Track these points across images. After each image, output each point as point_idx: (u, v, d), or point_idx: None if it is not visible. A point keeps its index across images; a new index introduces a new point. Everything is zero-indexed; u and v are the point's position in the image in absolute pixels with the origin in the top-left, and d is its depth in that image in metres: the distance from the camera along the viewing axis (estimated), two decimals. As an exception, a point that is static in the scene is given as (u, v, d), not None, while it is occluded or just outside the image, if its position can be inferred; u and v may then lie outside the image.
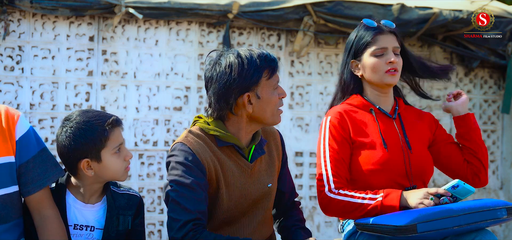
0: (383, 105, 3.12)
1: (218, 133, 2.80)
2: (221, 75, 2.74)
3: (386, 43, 3.05)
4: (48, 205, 2.73)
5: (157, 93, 5.41)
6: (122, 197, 2.88)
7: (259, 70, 2.75)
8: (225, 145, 2.81)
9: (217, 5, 5.34)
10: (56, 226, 2.71)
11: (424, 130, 3.16)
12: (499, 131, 6.17)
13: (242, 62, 2.73)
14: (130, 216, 2.87)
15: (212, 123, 2.82)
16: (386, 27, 3.08)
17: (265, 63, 2.77)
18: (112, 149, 2.75)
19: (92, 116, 2.75)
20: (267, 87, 2.78)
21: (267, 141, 2.95)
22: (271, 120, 2.82)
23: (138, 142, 5.38)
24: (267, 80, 2.78)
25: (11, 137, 2.67)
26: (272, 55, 2.81)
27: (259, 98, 2.77)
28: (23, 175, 2.69)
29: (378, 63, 3.04)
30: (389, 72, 3.03)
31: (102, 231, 2.83)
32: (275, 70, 2.81)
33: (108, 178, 2.80)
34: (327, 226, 5.76)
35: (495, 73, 6.13)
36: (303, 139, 5.70)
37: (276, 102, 2.81)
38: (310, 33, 5.52)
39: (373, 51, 3.05)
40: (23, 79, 5.17)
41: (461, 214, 2.69)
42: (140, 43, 5.37)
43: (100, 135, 2.72)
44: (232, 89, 2.74)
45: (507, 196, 6.15)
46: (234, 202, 2.84)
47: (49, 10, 5.06)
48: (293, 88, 5.70)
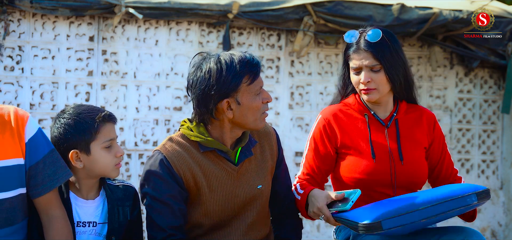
0: (378, 111, 3.06)
1: (199, 139, 2.79)
2: (201, 80, 2.72)
3: (359, 62, 2.96)
4: (56, 205, 2.73)
5: (157, 93, 5.41)
6: (118, 189, 2.90)
7: (238, 77, 2.71)
8: (207, 149, 2.80)
9: (217, 5, 5.34)
10: (63, 226, 2.72)
11: (422, 135, 3.07)
12: (499, 131, 6.16)
13: (221, 69, 2.70)
14: (128, 207, 2.88)
15: (194, 128, 2.81)
16: (363, 44, 2.96)
17: (245, 68, 2.72)
18: (102, 143, 2.76)
19: (84, 110, 2.79)
20: (248, 93, 2.75)
21: (257, 142, 2.92)
22: (253, 125, 2.80)
23: (138, 142, 5.38)
24: (248, 85, 2.74)
25: (21, 138, 2.66)
26: (255, 60, 2.76)
27: (239, 104, 2.74)
28: (33, 177, 2.69)
29: (355, 80, 3.00)
30: (363, 91, 2.98)
31: (106, 225, 2.84)
32: (257, 75, 2.75)
33: (97, 173, 2.81)
34: (327, 226, 5.76)
35: (495, 73, 6.13)
36: (303, 139, 5.70)
37: (258, 108, 2.78)
38: (310, 33, 5.52)
39: (351, 68, 3.01)
40: (23, 79, 5.17)
41: (428, 207, 2.64)
42: (140, 43, 5.37)
43: (90, 127, 2.74)
44: (211, 95, 2.71)
45: (507, 196, 6.15)
46: (220, 206, 2.82)
47: (49, 10, 5.06)
48: (293, 88, 5.70)
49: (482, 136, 6.13)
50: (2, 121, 2.66)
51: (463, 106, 6.09)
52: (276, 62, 5.65)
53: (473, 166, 6.12)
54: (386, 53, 2.95)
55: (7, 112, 2.68)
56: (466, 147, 6.10)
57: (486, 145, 6.13)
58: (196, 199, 2.82)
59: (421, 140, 3.05)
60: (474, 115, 6.12)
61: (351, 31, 3.01)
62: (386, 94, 3.02)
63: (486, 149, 6.14)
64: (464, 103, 6.09)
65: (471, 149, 6.11)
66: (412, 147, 3.02)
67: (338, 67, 5.76)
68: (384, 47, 2.95)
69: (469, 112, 6.10)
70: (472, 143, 6.11)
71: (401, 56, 3.00)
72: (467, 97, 6.11)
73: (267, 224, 3.00)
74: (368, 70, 2.95)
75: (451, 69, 6.03)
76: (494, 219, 6.17)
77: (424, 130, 3.07)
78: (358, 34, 2.99)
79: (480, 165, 6.14)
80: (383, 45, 2.96)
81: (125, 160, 5.38)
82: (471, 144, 6.11)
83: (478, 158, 6.13)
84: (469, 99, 6.11)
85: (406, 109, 3.09)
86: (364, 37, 2.97)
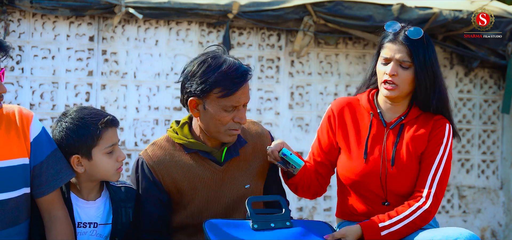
0: (387, 111, 3.00)
1: (183, 141, 2.83)
2: (187, 73, 2.78)
3: (391, 53, 2.91)
4: (58, 205, 2.73)
5: (157, 93, 5.41)
6: (120, 190, 2.89)
7: (210, 84, 2.69)
8: (192, 151, 2.83)
9: (217, 5, 5.34)
10: (65, 227, 2.72)
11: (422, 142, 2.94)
12: (499, 131, 6.17)
13: (199, 68, 2.72)
14: (131, 208, 2.88)
15: (179, 130, 2.86)
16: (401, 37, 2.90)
17: (223, 81, 2.68)
18: (104, 148, 2.76)
19: (87, 113, 2.77)
20: (216, 105, 2.72)
21: (247, 142, 2.91)
22: (215, 135, 2.78)
23: (138, 142, 5.38)
24: (218, 98, 2.71)
25: (26, 138, 2.66)
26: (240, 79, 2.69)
27: (205, 110, 2.75)
28: (37, 177, 2.69)
29: (381, 71, 2.94)
30: (385, 84, 2.93)
31: (108, 226, 2.83)
32: (231, 93, 2.69)
33: (98, 177, 2.81)
34: (327, 226, 5.76)
35: (495, 73, 6.13)
36: (303, 139, 5.70)
37: (223, 123, 2.74)
38: (310, 33, 5.52)
39: (381, 57, 2.95)
40: (23, 79, 5.17)
41: None
42: (140, 43, 5.37)
43: (93, 133, 2.73)
44: (185, 88, 2.76)
45: (507, 196, 6.15)
46: (205, 205, 2.84)
47: (49, 10, 5.06)
48: (293, 88, 5.70)
49: (482, 136, 6.13)
50: (8, 120, 2.65)
51: (463, 107, 6.09)
52: (276, 62, 5.65)
53: (473, 166, 6.12)
54: (420, 54, 2.89)
55: (12, 111, 2.68)
56: (466, 147, 6.10)
57: (486, 145, 6.13)
58: (179, 202, 2.85)
59: (419, 147, 2.95)
60: (474, 116, 6.12)
61: (393, 21, 2.97)
62: (404, 95, 2.96)
63: (486, 149, 6.14)
64: (464, 103, 6.09)
65: (471, 149, 6.11)
66: (408, 153, 2.94)
67: (338, 67, 5.77)
68: (420, 47, 2.90)
69: (469, 112, 6.10)
70: (472, 143, 6.11)
71: (433, 63, 2.92)
72: (467, 97, 6.11)
73: None
74: (397, 64, 2.90)
75: (451, 69, 6.03)
76: (494, 219, 6.17)
77: (425, 136, 2.94)
78: (399, 26, 2.94)
79: (480, 165, 6.14)
80: (420, 44, 2.90)
81: (125, 160, 5.38)
82: (471, 144, 6.11)
83: (478, 158, 6.13)
84: (469, 99, 6.11)
85: (417, 116, 2.99)
86: (405, 31, 2.91)
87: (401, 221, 2.84)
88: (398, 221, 2.83)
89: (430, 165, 2.92)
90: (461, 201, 6.10)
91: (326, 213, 5.78)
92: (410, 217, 2.84)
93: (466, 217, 6.03)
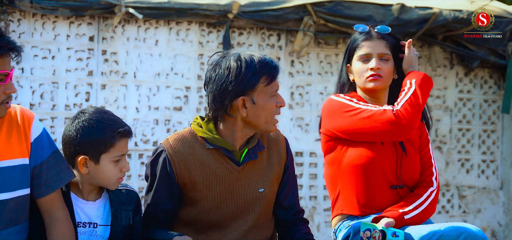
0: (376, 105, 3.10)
1: (206, 135, 2.84)
2: (220, 77, 2.77)
3: (370, 49, 3.07)
4: (59, 206, 2.73)
5: (157, 93, 5.42)
6: (121, 193, 2.88)
7: (256, 76, 2.76)
8: (213, 147, 2.84)
9: (217, 5, 5.34)
10: (66, 227, 2.71)
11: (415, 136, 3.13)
12: (499, 131, 6.17)
13: (241, 66, 2.76)
14: (131, 211, 2.88)
15: (204, 124, 2.86)
16: (375, 33, 3.10)
17: (264, 69, 2.78)
18: (113, 157, 2.75)
19: (107, 119, 2.75)
20: (264, 94, 2.79)
21: (264, 147, 2.94)
22: (264, 127, 2.83)
23: (138, 142, 5.38)
24: (265, 86, 2.79)
25: (27, 138, 2.66)
26: (274, 63, 2.82)
27: (254, 104, 2.78)
28: (37, 177, 2.69)
29: (362, 68, 3.08)
30: (371, 77, 3.06)
31: (109, 227, 2.83)
32: (274, 77, 2.81)
33: (98, 182, 2.80)
34: (327, 226, 5.76)
35: (495, 73, 6.14)
36: (303, 139, 5.70)
37: (272, 110, 2.82)
38: (310, 33, 5.52)
39: (359, 56, 3.10)
40: (23, 79, 5.17)
41: None
42: (140, 43, 5.37)
43: (107, 139, 2.72)
44: (228, 92, 2.76)
45: (507, 196, 6.16)
46: (217, 203, 2.85)
47: (49, 10, 5.06)
48: (293, 88, 5.70)
49: (482, 136, 6.13)
50: (10, 119, 2.65)
51: (463, 106, 6.10)
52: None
53: (473, 166, 6.13)
54: (394, 46, 3.13)
55: (13, 111, 2.68)
56: (466, 147, 6.10)
57: (486, 145, 6.13)
58: (191, 196, 2.85)
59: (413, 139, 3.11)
60: (474, 115, 6.12)
61: (359, 24, 3.17)
62: (386, 87, 3.13)
63: (486, 149, 6.14)
64: (464, 103, 6.10)
65: (471, 149, 6.12)
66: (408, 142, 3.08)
67: (338, 67, 5.76)
68: (393, 41, 3.13)
69: (469, 112, 6.11)
70: (472, 143, 6.11)
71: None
72: (467, 97, 6.11)
73: (268, 231, 2.99)
74: (379, 58, 3.07)
75: (451, 69, 6.03)
76: (494, 219, 6.17)
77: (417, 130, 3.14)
78: (367, 27, 3.14)
79: (480, 165, 6.14)
80: (392, 38, 3.14)
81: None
82: (471, 144, 6.11)
83: (478, 158, 6.13)
84: (469, 99, 6.11)
85: None
86: (375, 29, 3.13)
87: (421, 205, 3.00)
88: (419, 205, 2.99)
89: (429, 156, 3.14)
90: (461, 201, 6.11)
91: (326, 213, 5.78)
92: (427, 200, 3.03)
93: (466, 217, 6.03)
